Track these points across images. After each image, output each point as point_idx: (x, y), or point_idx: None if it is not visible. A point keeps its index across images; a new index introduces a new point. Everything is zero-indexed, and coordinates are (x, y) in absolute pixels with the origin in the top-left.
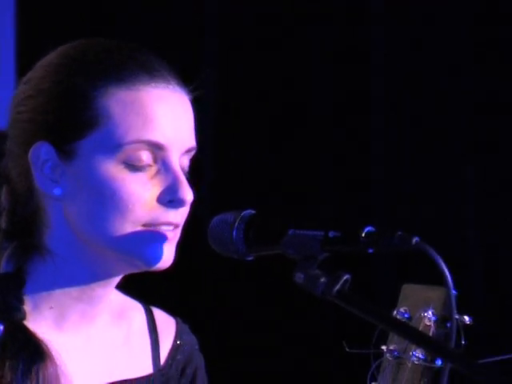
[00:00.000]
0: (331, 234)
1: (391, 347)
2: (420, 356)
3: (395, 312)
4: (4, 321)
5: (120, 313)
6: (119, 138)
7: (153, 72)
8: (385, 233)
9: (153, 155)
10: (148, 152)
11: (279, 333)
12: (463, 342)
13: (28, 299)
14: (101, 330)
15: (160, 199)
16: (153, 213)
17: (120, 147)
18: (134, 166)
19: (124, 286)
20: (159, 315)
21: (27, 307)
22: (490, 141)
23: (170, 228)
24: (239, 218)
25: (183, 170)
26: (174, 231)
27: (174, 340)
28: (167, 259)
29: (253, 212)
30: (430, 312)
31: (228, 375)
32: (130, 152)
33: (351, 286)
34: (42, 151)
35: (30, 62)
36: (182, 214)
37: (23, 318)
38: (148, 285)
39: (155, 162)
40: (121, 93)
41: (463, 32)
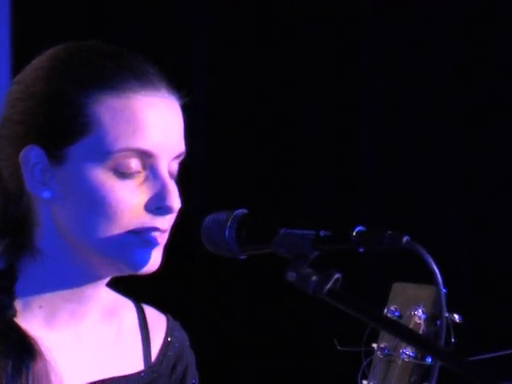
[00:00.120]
0: (322, 233)
1: (382, 345)
2: (410, 354)
3: (386, 310)
4: None
5: (111, 310)
6: (109, 146)
7: (143, 79)
8: (375, 232)
9: (142, 162)
10: (137, 159)
11: (270, 331)
12: (453, 340)
13: (18, 298)
14: (91, 328)
15: (148, 206)
16: (140, 219)
17: (109, 155)
18: (123, 173)
19: (116, 284)
20: (150, 312)
21: (17, 306)
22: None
23: (158, 233)
24: (232, 218)
25: (172, 175)
26: (161, 236)
27: (165, 337)
28: (154, 263)
29: (245, 211)
30: (420, 310)
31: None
32: (120, 159)
33: (342, 285)
34: (32, 154)
35: (26, 61)
36: (170, 220)
37: (14, 315)
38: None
39: (144, 169)
40: (111, 100)
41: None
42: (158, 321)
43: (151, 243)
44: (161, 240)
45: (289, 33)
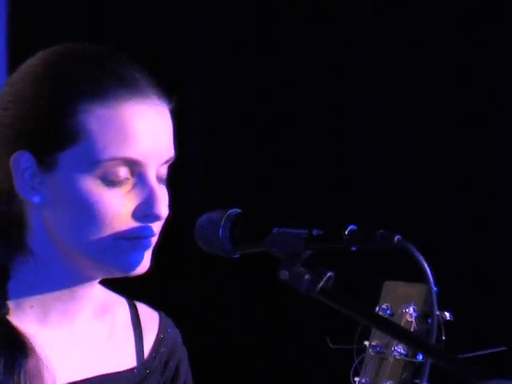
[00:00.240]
0: (315, 232)
1: (374, 343)
2: (402, 351)
3: (377, 308)
4: None
5: (103, 308)
6: (97, 155)
7: (132, 87)
8: (367, 231)
9: (130, 170)
10: (125, 167)
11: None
12: (444, 338)
13: (10, 297)
14: (84, 325)
15: (135, 213)
16: (129, 226)
17: (98, 163)
18: (112, 181)
19: (108, 282)
20: (143, 310)
21: (10, 305)
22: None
23: (146, 239)
24: (225, 217)
25: (161, 179)
26: (151, 239)
27: (158, 334)
28: (144, 266)
29: (238, 211)
30: (412, 308)
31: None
32: (108, 168)
33: (335, 283)
34: (23, 159)
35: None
36: (158, 226)
37: (6, 313)
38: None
39: (132, 176)
40: (100, 110)
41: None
42: (151, 318)
43: (142, 246)
44: (150, 244)
45: (289, 33)
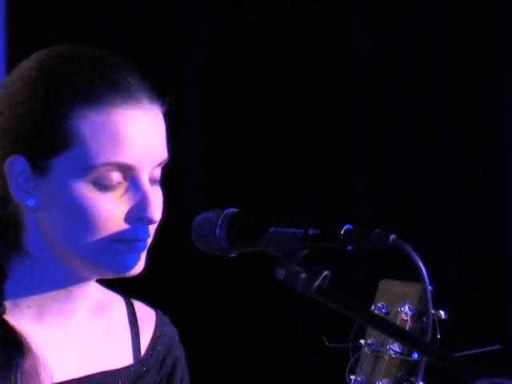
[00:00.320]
0: (311, 232)
1: (369, 341)
2: (397, 349)
3: (373, 307)
4: None
5: (100, 306)
6: (90, 161)
7: (124, 92)
8: (363, 230)
9: (123, 174)
10: (118, 172)
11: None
12: (439, 336)
13: (7, 297)
14: (81, 324)
15: (129, 217)
16: (123, 229)
17: (91, 169)
18: (105, 186)
19: (106, 281)
20: (140, 307)
21: (7, 305)
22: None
23: (140, 242)
24: (222, 217)
25: (155, 181)
26: (145, 241)
27: (155, 331)
28: (138, 267)
29: (235, 210)
30: (407, 307)
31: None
32: (101, 173)
33: (331, 282)
34: (17, 163)
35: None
36: (152, 228)
37: (3, 312)
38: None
39: (125, 180)
40: (92, 115)
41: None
42: (148, 315)
43: (137, 249)
44: (144, 245)
45: (289, 33)
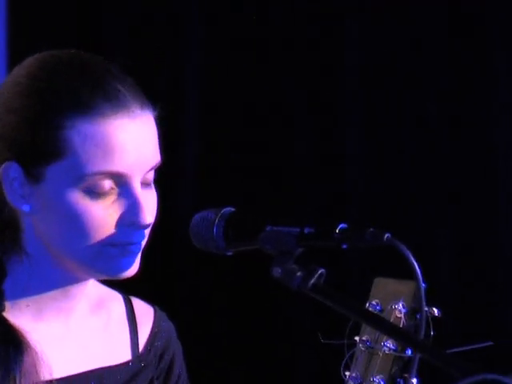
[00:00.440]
0: (306, 230)
1: (364, 338)
2: (391, 346)
3: (368, 304)
4: None
5: (99, 303)
6: (82, 170)
7: (114, 101)
8: (357, 229)
9: (114, 181)
10: (110, 180)
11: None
12: (432, 333)
13: (6, 296)
14: (80, 321)
15: (121, 222)
16: (116, 234)
17: (83, 178)
18: (97, 193)
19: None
20: (138, 304)
21: (6, 304)
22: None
23: (134, 245)
24: (219, 216)
25: (148, 184)
26: (139, 244)
27: (153, 327)
28: (133, 269)
29: (232, 209)
30: (401, 304)
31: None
32: (93, 182)
33: (326, 280)
34: (11, 170)
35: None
36: (146, 231)
37: (2, 310)
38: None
39: (117, 186)
40: (83, 125)
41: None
42: (146, 312)
43: (131, 252)
44: (138, 248)
45: (289, 33)
